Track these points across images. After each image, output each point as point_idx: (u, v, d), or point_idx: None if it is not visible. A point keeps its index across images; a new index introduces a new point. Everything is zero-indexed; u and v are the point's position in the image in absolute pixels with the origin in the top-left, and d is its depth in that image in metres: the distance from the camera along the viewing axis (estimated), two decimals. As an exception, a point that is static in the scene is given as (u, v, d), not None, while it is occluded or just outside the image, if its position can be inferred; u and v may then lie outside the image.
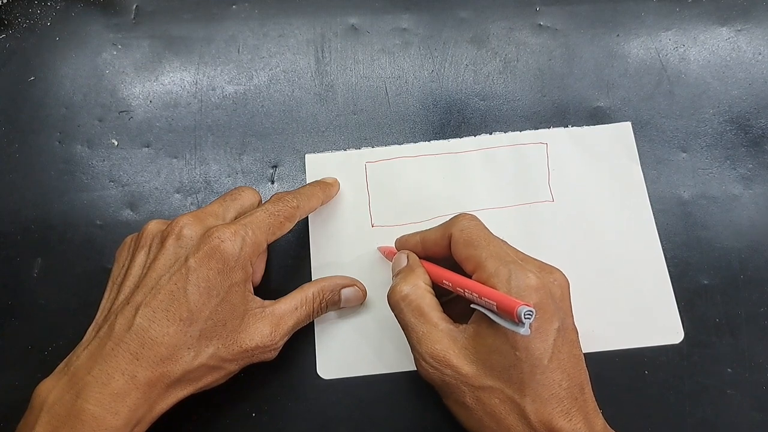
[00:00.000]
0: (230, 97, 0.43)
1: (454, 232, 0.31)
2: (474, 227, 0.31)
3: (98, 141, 0.42)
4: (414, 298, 0.30)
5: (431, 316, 0.30)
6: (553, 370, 0.27)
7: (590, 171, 0.40)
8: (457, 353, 0.29)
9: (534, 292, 0.27)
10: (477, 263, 0.29)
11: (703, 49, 0.44)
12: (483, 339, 0.28)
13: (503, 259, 0.29)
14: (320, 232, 0.39)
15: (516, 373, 0.27)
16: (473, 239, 0.30)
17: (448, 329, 0.30)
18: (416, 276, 0.32)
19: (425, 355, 0.29)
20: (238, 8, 0.46)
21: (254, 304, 0.32)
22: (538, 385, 0.27)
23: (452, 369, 0.29)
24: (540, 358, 0.27)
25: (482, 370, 0.28)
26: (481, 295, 0.28)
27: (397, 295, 0.31)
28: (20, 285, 0.39)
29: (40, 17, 0.46)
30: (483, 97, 0.43)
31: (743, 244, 0.38)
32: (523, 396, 0.27)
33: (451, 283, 0.30)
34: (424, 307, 0.30)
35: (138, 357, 0.28)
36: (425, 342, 0.29)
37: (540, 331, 0.27)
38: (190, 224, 0.31)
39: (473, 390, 0.28)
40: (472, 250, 0.30)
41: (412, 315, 0.30)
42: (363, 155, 0.41)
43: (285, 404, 0.36)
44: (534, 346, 0.27)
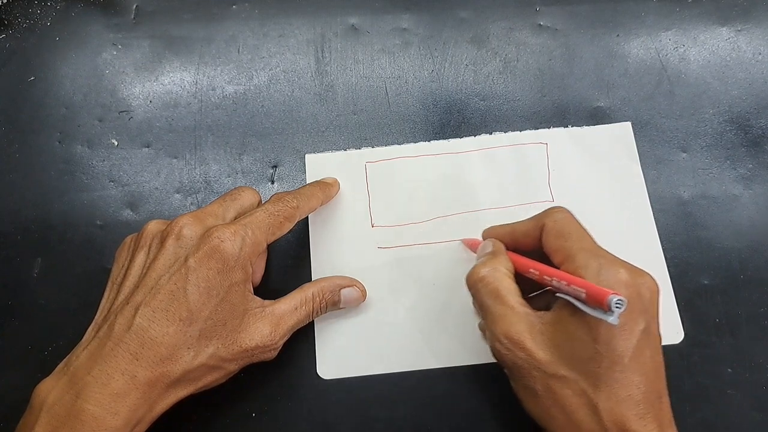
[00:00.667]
0: (230, 97, 0.43)
1: (548, 222, 0.31)
2: (567, 219, 0.31)
3: (98, 141, 0.42)
4: (491, 280, 0.30)
5: (508, 298, 0.30)
6: (632, 371, 0.27)
7: (590, 171, 0.40)
8: (533, 338, 0.28)
9: (623, 287, 0.27)
10: (567, 254, 0.29)
11: (703, 49, 0.44)
12: (563, 327, 0.28)
13: (594, 253, 0.29)
14: (320, 232, 0.39)
15: (594, 367, 0.27)
16: (566, 231, 0.30)
17: (525, 313, 0.29)
18: (497, 260, 0.31)
19: (500, 335, 0.29)
20: (238, 8, 0.46)
21: (254, 304, 0.32)
22: (615, 383, 0.26)
23: (526, 352, 0.28)
24: (621, 355, 0.26)
25: (558, 358, 0.28)
26: (569, 283, 0.27)
27: (474, 276, 0.31)
28: (20, 285, 0.39)
29: (40, 17, 0.46)
30: (483, 97, 0.43)
31: (743, 244, 0.38)
32: (598, 391, 0.27)
33: (538, 271, 0.30)
34: (502, 290, 0.30)
35: (138, 357, 0.28)
36: (500, 323, 0.29)
37: (624, 329, 0.27)
38: (190, 224, 0.31)
39: (545, 377, 0.28)
40: (563, 241, 0.30)
41: (488, 296, 0.30)
42: (363, 155, 0.41)
43: (285, 404, 0.36)
44: (616, 342, 0.26)
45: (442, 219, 0.39)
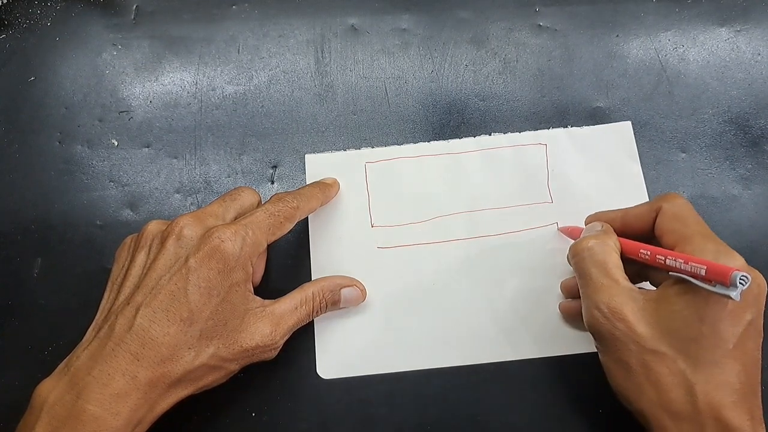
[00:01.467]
0: (230, 97, 0.43)
1: (665, 204, 0.31)
2: (686, 205, 0.30)
3: (98, 141, 0.42)
4: (599, 252, 0.30)
5: (613, 271, 0.29)
6: (734, 358, 0.26)
7: (590, 172, 0.40)
8: (635, 311, 0.28)
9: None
10: (682, 237, 0.29)
11: (702, 50, 0.44)
12: (668, 306, 0.28)
13: (712, 239, 0.28)
14: (320, 232, 0.39)
15: (695, 348, 0.26)
16: (683, 214, 0.30)
17: (629, 287, 0.29)
18: (607, 236, 0.31)
19: (600, 303, 0.29)
20: (238, 8, 0.46)
21: (254, 304, 0.32)
22: (714, 367, 0.26)
23: (625, 324, 0.28)
24: (725, 339, 0.26)
25: (659, 334, 0.27)
26: (687, 261, 0.27)
27: (582, 245, 0.31)
28: (20, 285, 0.39)
29: (40, 17, 0.46)
30: (483, 97, 0.43)
31: (743, 244, 0.38)
32: (696, 373, 0.26)
33: (648, 252, 0.30)
34: (608, 262, 0.30)
35: (138, 357, 0.28)
36: (602, 291, 0.29)
37: (733, 315, 0.26)
38: (191, 224, 0.31)
39: (642, 352, 0.27)
40: (680, 224, 0.29)
41: (593, 265, 0.30)
42: (363, 155, 0.41)
43: (285, 404, 0.36)
44: (723, 326, 0.26)
45: (441, 219, 0.39)
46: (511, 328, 0.37)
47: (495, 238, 0.39)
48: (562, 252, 0.38)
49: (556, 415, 0.35)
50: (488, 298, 0.37)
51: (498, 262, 0.38)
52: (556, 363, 0.36)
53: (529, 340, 0.36)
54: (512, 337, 0.37)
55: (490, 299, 0.37)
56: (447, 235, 0.39)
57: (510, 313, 0.37)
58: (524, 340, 0.36)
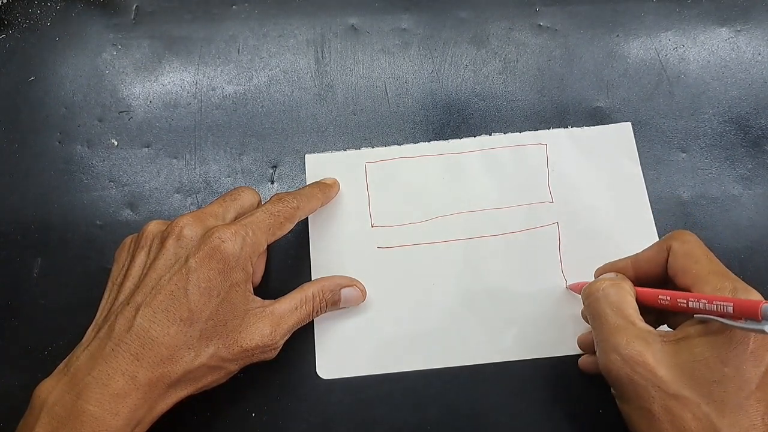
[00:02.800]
0: (230, 97, 0.43)
1: (675, 245, 0.30)
2: (695, 242, 0.30)
3: (98, 141, 0.42)
4: (613, 293, 0.29)
5: (629, 312, 0.28)
6: (758, 399, 0.25)
7: (590, 172, 0.40)
8: (655, 354, 0.27)
9: None
10: (698, 277, 0.28)
11: (702, 50, 0.44)
12: (688, 347, 0.27)
13: (727, 276, 0.28)
14: (320, 232, 0.39)
15: (719, 391, 0.25)
16: (695, 253, 0.29)
17: (647, 329, 0.28)
18: (622, 281, 0.30)
19: (618, 347, 0.27)
20: (238, 8, 0.46)
21: (254, 304, 0.32)
22: (739, 410, 0.25)
23: (646, 369, 0.27)
24: (749, 381, 0.25)
25: (681, 378, 0.26)
26: (712, 300, 0.26)
27: (596, 285, 0.30)
28: (20, 285, 0.39)
29: (40, 17, 0.46)
30: (483, 97, 0.43)
31: (743, 245, 0.38)
32: (722, 417, 0.25)
33: (668, 297, 0.29)
34: (624, 304, 0.29)
35: (138, 357, 0.28)
36: (619, 334, 0.28)
37: (755, 355, 0.25)
38: (191, 224, 0.31)
39: (665, 397, 0.26)
40: (693, 263, 0.29)
41: (608, 306, 0.29)
42: (363, 155, 0.41)
43: (285, 404, 0.36)
44: (745, 367, 0.25)
45: (441, 219, 0.39)
46: (512, 329, 0.37)
47: (495, 238, 0.39)
48: (564, 251, 0.38)
49: (556, 415, 0.35)
50: (489, 298, 0.37)
51: (498, 262, 0.38)
52: (557, 363, 0.36)
53: (529, 341, 0.36)
54: (512, 338, 0.36)
55: (491, 299, 0.37)
56: (447, 235, 0.39)
57: (510, 314, 0.37)
58: (525, 341, 0.36)
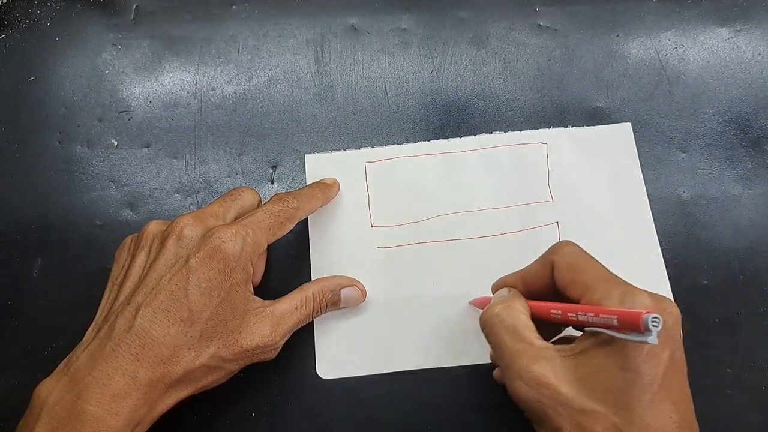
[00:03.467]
0: (230, 97, 0.43)
1: (556, 258, 0.30)
2: (576, 251, 0.30)
3: (98, 141, 0.42)
4: (507, 316, 0.29)
5: (526, 334, 0.28)
6: (663, 400, 0.25)
7: (590, 171, 0.40)
8: (556, 373, 0.27)
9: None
10: (585, 287, 0.28)
11: (702, 50, 0.44)
12: (587, 360, 0.27)
13: (613, 281, 0.28)
14: (320, 232, 0.39)
15: (623, 398, 0.25)
16: (577, 264, 0.29)
17: (545, 348, 0.28)
18: (513, 300, 0.30)
19: (520, 372, 0.27)
20: (238, 8, 0.46)
21: (254, 304, 0.32)
22: (646, 413, 0.25)
23: (549, 389, 0.26)
24: (650, 383, 0.25)
25: (584, 391, 0.26)
26: (597, 313, 0.26)
27: (489, 312, 0.30)
28: (20, 285, 0.39)
29: (40, 17, 0.46)
30: (483, 97, 0.43)
31: (743, 245, 0.39)
32: (630, 424, 0.25)
33: (560, 311, 0.29)
34: (519, 325, 0.29)
35: (139, 357, 0.28)
36: (519, 359, 0.27)
37: (651, 356, 0.25)
38: (191, 224, 0.31)
39: (573, 414, 0.26)
40: (577, 274, 0.29)
41: (504, 332, 0.29)
42: (363, 155, 0.41)
43: (284, 404, 0.36)
44: (645, 370, 0.25)
45: (441, 218, 0.39)
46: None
47: (495, 237, 0.39)
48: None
49: (556, 415, 0.35)
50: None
51: (498, 261, 0.38)
52: (556, 363, 0.36)
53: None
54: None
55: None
56: (447, 234, 0.39)
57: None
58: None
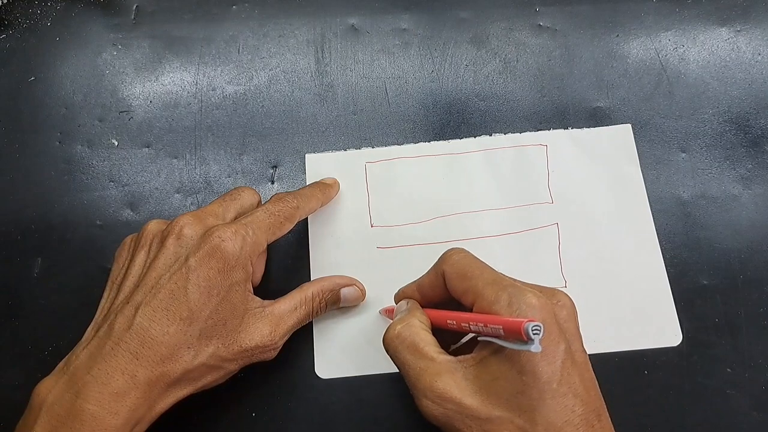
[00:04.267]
0: (230, 97, 0.43)
1: (446, 268, 0.30)
2: (464, 259, 0.30)
3: (98, 141, 0.42)
4: (407, 335, 0.29)
5: (427, 350, 0.28)
6: (564, 395, 0.26)
7: (590, 173, 0.40)
8: (459, 385, 0.27)
9: (537, 311, 0.26)
10: (475, 294, 0.28)
11: (702, 50, 0.44)
12: (487, 368, 0.27)
13: (500, 284, 0.28)
14: (320, 232, 0.39)
15: (525, 400, 0.25)
16: (466, 271, 0.29)
17: (447, 361, 0.28)
18: (410, 316, 0.30)
19: (425, 390, 0.27)
20: (238, 8, 0.46)
21: (254, 304, 0.32)
22: (549, 412, 0.25)
23: (454, 403, 0.26)
24: (548, 381, 0.25)
25: (488, 400, 0.26)
26: (485, 323, 0.26)
27: (391, 333, 0.30)
28: (20, 285, 0.39)
29: (40, 17, 0.46)
30: (483, 97, 0.43)
31: (743, 245, 0.38)
32: (535, 425, 0.25)
33: (454, 321, 0.29)
34: (419, 342, 0.29)
35: (138, 356, 0.28)
36: (423, 377, 0.27)
37: (546, 353, 0.26)
38: (191, 224, 0.31)
39: (480, 423, 0.26)
40: (467, 282, 0.29)
41: (407, 352, 0.29)
42: (363, 155, 0.41)
43: (284, 404, 0.36)
44: (541, 369, 0.25)
45: (441, 219, 0.39)
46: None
47: (495, 238, 0.39)
48: (564, 252, 0.38)
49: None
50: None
51: (498, 262, 0.38)
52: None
53: (529, 340, 0.36)
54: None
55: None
56: (447, 235, 0.39)
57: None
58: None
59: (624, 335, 0.37)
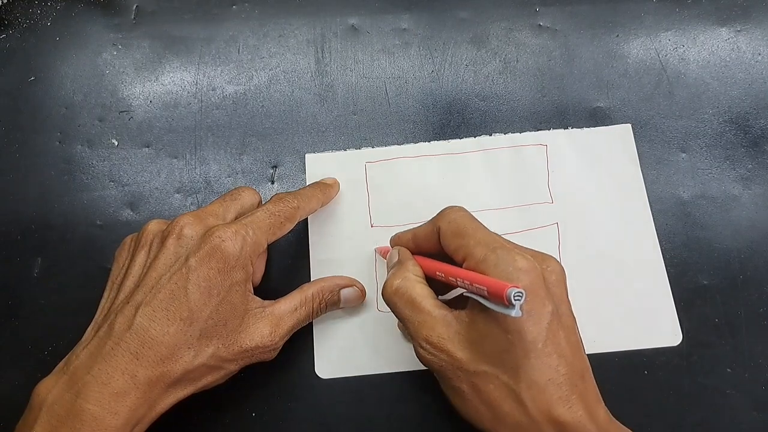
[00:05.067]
0: (230, 97, 0.43)
1: (442, 224, 0.31)
2: (461, 218, 0.31)
3: (98, 141, 0.42)
4: (405, 290, 0.30)
5: (424, 304, 0.30)
6: (548, 355, 0.27)
7: (590, 173, 0.40)
8: (452, 338, 0.28)
9: (524, 274, 0.27)
10: (466, 252, 0.29)
11: (702, 50, 0.44)
12: (476, 325, 0.28)
13: (491, 245, 0.28)
14: (320, 232, 0.39)
15: (510, 358, 0.27)
16: (460, 229, 0.30)
17: (443, 315, 0.29)
18: (405, 269, 0.32)
19: (422, 341, 0.29)
20: (238, 8, 0.46)
21: (254, 304, 0.32)
22: (533, 370, 0.26)
23: (447, 354, 0.28)
24: (533, 341, 0.26)
25: (476, 355, 0.28)
26: (472, 282, 0.27)
27: (389, 289, 0.31)
28: (20, 285, 0.39)
29: (40, 17, 0.46)
30: (483, 97, 0.43)
31: (743, 245, 0.39)
32: (518, 382, 0.27)
33: (443, 274, 0.30)
34: (416, 297, 0.30)
35: (138, 356, 0.28)
36: (421, 330, 0.29)
37: (532, 314, 0.27)
38: (191, 224, 0.31)
39: (468, 375, 0.28)
40: (460, 239, 0.30)
41: (405, 307, 0.30)
42: (363, 155, 0.41)
43: (284, 404, 0.36)
44: (526, 329, 0.26)
45: (441, 219, 0.39)
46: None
47: (495, 238, 0.39)
48: (564, 252, 0.38)
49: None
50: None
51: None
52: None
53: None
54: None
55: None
56: (447, 235, 0.39)
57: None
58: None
59: (624, 335, 0.37)
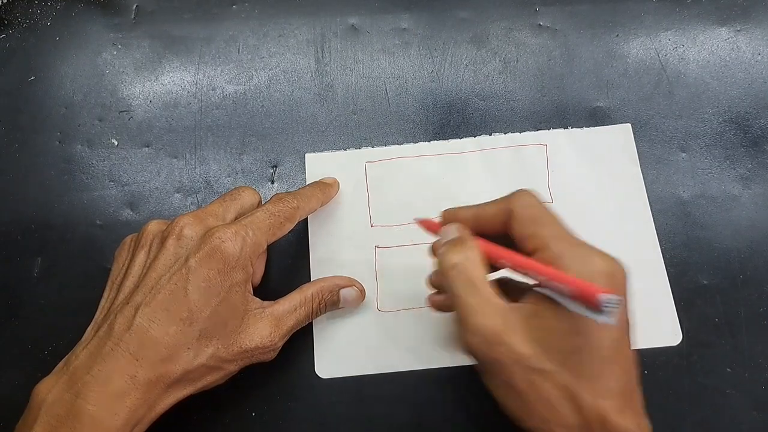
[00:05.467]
0: (230, 97, 0.43)
1: (516, 208, 0.29)
2: (538, 205, 0.29)
3: (98, 141, 0.42)
4: (464, 269, 0.28)
5: (483, 289, 0.28)
6: (612, 363, 0.26)
7: (590, 173, 0.40)
8: (512, 331, 0.27)
9: (603, 278, 0.26)
10: (541, 243, 0.28)
11: (702, 50, 0.44)
12: (541, 320, 0.27)
13: (570, 241, 0.27)
14: (319, 232, 0.39)
15: (576, 360, 0.26)
16: (537, 217, 0.28)
17: (502, 305, 0.27)
18: (468, 247, 0.29)
19: (476, 328, 0.27)
20: (238, 8, 0.46)
21: (254, 305, 0.32)
22: (598, 377, 0.26)
23: (506, 347, 0.26)
24: (600, 348, 0.26)
25: (539, 352, 0.26)
26: (551, 278, 0.26)
27: (447, 263, 0.29)
28: (20, 285, 0.39)
29: (40, 17, 0.46)
30: (483, 97, 0.43)
31: (743, 244, 0.38)
32: (579, 385, 0.26)
33: (510, 263, 0.28)
34: (476, 279, 0.28)
35: (138, 357, 0.28)
36: (475, 315, 0.27)
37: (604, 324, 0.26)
38: (191, 224, 0.31)
39: (527, 372, 0.26)
40: (535, 228, 0.28)
41: (462, 285, 0.28)
42: (363, 155, 0.41)
43: (284, 404, 0.36)
44: (597, 334, 0.25)
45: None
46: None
47: (495, 238, 0.39)
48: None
49: (556, 415, 0.35)
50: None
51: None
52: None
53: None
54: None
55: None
56: (447, 235, 0.39)
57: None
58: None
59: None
